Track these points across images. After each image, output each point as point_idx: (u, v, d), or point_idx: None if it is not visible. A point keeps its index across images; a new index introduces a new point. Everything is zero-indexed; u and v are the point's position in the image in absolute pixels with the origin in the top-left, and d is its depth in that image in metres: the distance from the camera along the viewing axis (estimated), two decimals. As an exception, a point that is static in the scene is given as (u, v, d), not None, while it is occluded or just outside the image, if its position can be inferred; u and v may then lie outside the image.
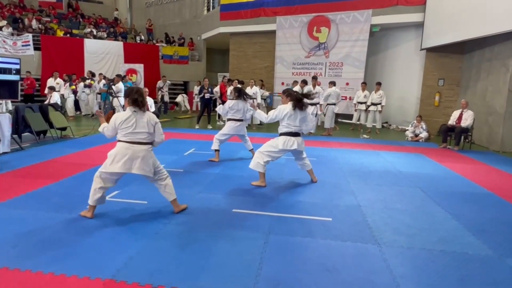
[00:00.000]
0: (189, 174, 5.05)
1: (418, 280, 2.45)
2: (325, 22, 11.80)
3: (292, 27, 12.36)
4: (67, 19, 17.81)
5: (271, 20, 12.73)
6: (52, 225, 3.11)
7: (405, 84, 11.37)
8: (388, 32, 11.58)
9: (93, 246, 2.77)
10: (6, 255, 2.57)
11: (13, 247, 2.70)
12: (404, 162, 6.28)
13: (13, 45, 13.13)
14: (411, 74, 11.20)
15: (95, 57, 14.75)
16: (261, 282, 2.34)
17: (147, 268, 2.46)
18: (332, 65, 11.92)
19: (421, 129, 9.00)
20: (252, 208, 3.73)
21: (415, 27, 10.80)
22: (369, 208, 3.85)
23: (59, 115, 7.87)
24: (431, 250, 2.90)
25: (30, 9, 17.27)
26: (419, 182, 5.02)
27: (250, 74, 13.23)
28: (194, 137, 8.20)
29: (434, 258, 2.78)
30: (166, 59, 16.45)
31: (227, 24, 13.78)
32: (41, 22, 15.57)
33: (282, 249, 2.83)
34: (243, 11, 13.35)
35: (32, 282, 2.25)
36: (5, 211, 3.41)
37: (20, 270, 2.37)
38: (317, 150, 7.03)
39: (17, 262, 2.47)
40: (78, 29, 16.79)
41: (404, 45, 11.42)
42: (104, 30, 17.20)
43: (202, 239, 2.96)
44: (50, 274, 2.34)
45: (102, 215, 3.39)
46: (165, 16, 19.33)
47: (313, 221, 3.43)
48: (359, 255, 2.77)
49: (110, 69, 14.66)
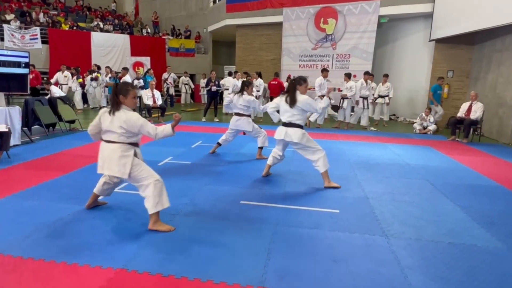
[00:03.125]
0: (197, 166, 5.08)
1: (426, 271, 2.45)
2: (332, 13, 11.67)
3: (299, 18, 12.25)
4: (74, 12, 17.85)
5: (277, 12, 12.63)
6: (63, 216, 3.17)
7: (414, 76, 11.24)
8: (396, 23, 11.42)
9: (104, 236, 2.82)
10: (20, 244, 2.63)
11: (26, 237, 2.76)
12: (412, 155, 6.24)
13: (21, 39, 13.23)
14: (420, 66, 11.06)
15: (102, 50, 14.81)
16: (269, 273, 2.36)
17: (157, 258, 2.50)
18: (339, 57, 11.81)
19: (429, 121, 8.91)
20: (260, 200, 3.75)
21: (424, 18, 10.64)
22: (377, 200, 3.84)
23: (67, 108, 7.95)
24: (439, 242, 2.90)
25: (37, 3, 17.34)
26: (427, 174, 4.99)
27: (257, 66, 13.17)
28: (201, 129, 8.22)
29: (443, 250, 2.78)
30: (172, 52, 16.46)
31: (233, 16, 13.70)
32: (48, 16, 15.63)
33: (289, 240, 2.85)
34: (249, 3, 13.25)
35: (46, 271, 2.31)
36: (18, 202, 3.47)
37: (34, 259, 2.43)
38: (324, 143, 7.00)
39: (31, 251, 2.52)
40: (85, 22, 16.83)
41: (412, 36, 11.27)
42: (110, 23, 17.21)
43: (210, 230, 2.99)
44: (63, 263, 2.39)
45: (112, 206, 3.44)
46: (171, 8, 19.27)
47: (320, 213, 3.44)
48: (366, 247, 2.78)
49: (117, 62, 14.72)
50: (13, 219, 3.08)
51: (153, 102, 9.28)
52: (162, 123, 9.11)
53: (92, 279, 2.23)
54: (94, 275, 2.27)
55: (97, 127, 3.05)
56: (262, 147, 5.65)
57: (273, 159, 4.51)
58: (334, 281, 2.30)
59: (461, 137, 7.89)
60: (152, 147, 6.23)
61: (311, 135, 4.71)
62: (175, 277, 2.28)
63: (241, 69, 13.14)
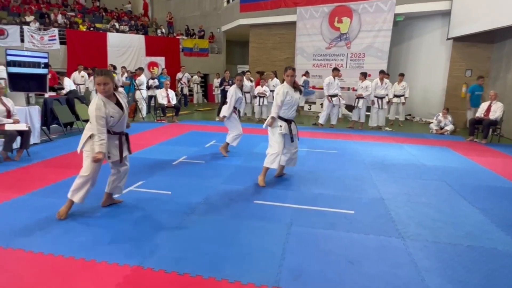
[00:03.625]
0: (211, 165, 5.11)
1: (444, 274, 2.41)
2: (347, 12, 11.55)
3: (313, 17, 12.17)
4: (91, 13, 18.19)
5: (291, 11, 12.58)
6: (81, 213, 3.24)
7: (430, 75, 11.02)
8: (412, 21, 11.21)
9: (120, 233, 2.87)
10: (40, 240, 2.70)
11: (46, 233, 2.83)
12: (429, 155, 6.12)
13: (40, 40, 13.56)
14: (437, 65, 10.84)
15: (118, 50, 15.03)
16: (284, 273, 2.36)
17: (173, 256, 2.53)
18: (354, 56, 11.68)
19: (447, 121, 8.72)
20: (273, 199, 3.75)
21: (441, 16, 10.42)
22: (392, 201, 3.79)
23: (84, 108, 8.10)
24: (457, 245, 2.84)
25: (55, 4, 17.74)
26: (444, 175, 4.89)
27: (270, 66, 13.15)
28: (214, 129, 8.26)
29: (461, 252, 2.72)
30: (186, 52, 16.57)
31: (247, 16, 13.72)
32: (66, 17, 15.98)
33: (304, 240, 2.84)
34: (263, 3, 13.23)
35: (65, 266, 2.37)
36: (38, 199, 3.57)
37: (54, 255, 2.49)
38: (338, 143, 6.95)
39: (51, 247, 2.59)
40: (101, 23, 17.12)
41: (429, 35, 11.05)
42: (126, 23, 17.46)
43: (225, 229, 3.01)
44: (82, 259, 2.45)
45: (128, 204, 3.50)
46: (186, 8, 19.42)
47: (335, 214, 3.42)
48: (382, 248, 2.75)
49: (132, 62, 14.92)
50: (33, 215, 3.17)
51: (168, 102, 9.38)
52: (177, 123, 9.21)
53: (110, 275, 2.27)
54: (111, 271, 2.32)
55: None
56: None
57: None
58: (349, 283, 2.28)
59: (479, 138, 7.70)
60: (167, 146, 6.31)
61: (325, 135, 4.68)
62: (190, 275, 2.30)
63: (254, 69, 13.15)
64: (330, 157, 5.81)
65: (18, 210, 3.31)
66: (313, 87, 12.25)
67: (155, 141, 6.74)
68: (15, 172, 4.53)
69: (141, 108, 9.83)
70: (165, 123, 9.23)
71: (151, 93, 10.29)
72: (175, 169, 4.89)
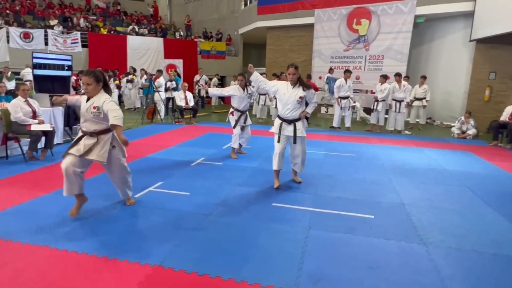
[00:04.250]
0: (228, 167, 5.14)
1: (468, 282, 2.34)
2: (365, 14, 11.43)
3: (331, 19, 12.10)
4: (112, 17, 18.64)
5: (309, 13, 12.54)
6: (102, 212, 3.32)
7: (451, 77, 10.76)
8: (433, 23, 10.99)
9: (141, 233, 2.92)
10: (64, 238, 2.78)
11: (70, 231, 2.91)
12: (450, 160, 5.98)
13: (63, 43, 13.99)
14: (458, 67, 10.58)
15: (137, 53, 15.34)
16: (303, 276, 2.35)
17: (192, 256, 2.56)
18: (372, 58, 11.54)
19: (469, 125, 8.49)
20: (291, 202, 3.74)
21: (464, 17, 10.17)
22: (414, 207, 3.72)
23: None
24: (482, 253, 2.76)
25: (78, 8, 18.27)
26: (467, 181, 4.77)
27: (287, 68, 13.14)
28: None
29: (486, 261, 2.64)
30: (204, 54, 16.75)
31: (264, 18, 13.76)
32: (88, 21, 16.43)
33: (323, 244, 2.82)
34: (281, 5, 13.25)
35: (88, 264, 2.43)
36: (62, 198, 3.65)
37: (78, 252, 2.56)
38: (356, 146, 6.87)
39: (75, 245, 2.66)
40: (121, 26, 17.52)
41: (451, 36, 10.80)
42: (145, 27, 17.80)
43: (243, 231, 3.02)
44: (104, 257, 2.50)
45: (148, 204, 3.56)
46: (203, 11, 19.63)
47: (354, 218, 3.38)
48: (403, 254, 2.70)
49: (151, 65, 15.19)
50: (57, 214, 3.26)
51: (186, 104, 9.50)
52: (194, 125, 9.31)
53: (132, 274, 2.32)
54: (133, 270, 2.36)
55: None
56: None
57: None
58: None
59: (504, 142, 7.47)
60: (184, 148, 6.39)
61: (343, 138, 4.63)
62: (210, 276, 2.32)
63: (271, 71, 13.15)
64: (348, 160, 5.74)
65: (44, 208, 3.42)
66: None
67: (173, 142, 6.84)
68: (40, 171, 4.68)
69: (159, 110, 9.98)
70: (183, 124, 9.34)
71: (169, 95, 10.44)
72: (193, 170, 4.95)
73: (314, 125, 9.91)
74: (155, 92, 10.09)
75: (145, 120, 9.70)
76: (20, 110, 5.06)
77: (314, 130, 8.73)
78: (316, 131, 8.67)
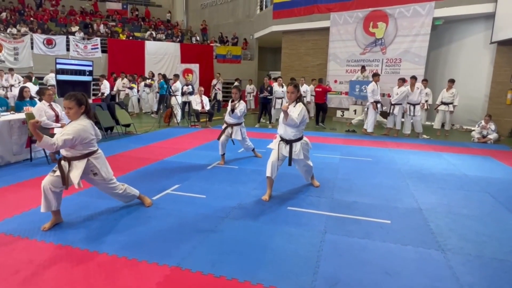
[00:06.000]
0: (244, 171, 5.18)
1: (489, 291, 2.29)
2: (382, 17, 11.33)
3: (347, 23, 12.04)
4: (130, 23, 19.09)
5: (324, 17, 12.52)
6: (122, 214, 3.40)
7: (471, 80, 10.51)
8: (452, 25, 10.79)
9: (159, 234, 2.98)
10: (86, 238, 2.87)
11: (90, 232, 3.01)
12: (470, 165, 5.84)
13: (84, 49, 14.42)
14: (479, 70, 10.33)
15: (154, 58, 15.65)
16: (319, 280, 2.35)
17: (209, 258, 2.59)
18: (389, 61, 11.42)
19: (490, 130, 8.27)
20: (307, 206, 3.74)
21: (484, 19, 9.95)
22: (432, 212, 3.66)
23: (124, 113, 8.50)
24: (503, 261, 2.69)
25: (98, 15, 18.80)
26: (488, 186, 4.65)
27: (302, 72, 13.14)
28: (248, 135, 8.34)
29: (507, 269, 2.58)
30: (219, 59, 16.92)
31: (280, 22, 13.81)
32: (108, 27, 16.87)
33: (339, 249, 2.81)
34: (296, 9, 13.28)
35: (109, 264, 2.50)
36: (82, 199, 3.79)
37: (98, 252, 2.64)
38: (372, 150, 6.80)
39: (96, 245, 2.75)
40: (139, 32, 17.92)
41: (470, 39, 10.57)
42: (162, 32, 18.15)
43: (259, 234, 3.04)
44: (124, 258, 2.57)
45: (166, 207, 3.63)
46: (219, 16, 19.87)
47: (370, 223, 3.35)
48: (421, 260, 2.66)
49: (168, 69, 15.45)
50: (79, 215, 3.37)
51: (202, 108, 9.62)
52: (210, 128, 9.41)
53: (150, 274, 2.37)
54: (151, 271, 2.42)
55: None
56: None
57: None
58: (387, 294, 2.23)
59: (527, 147, 7.25)
60: (201, 151, 6.47)
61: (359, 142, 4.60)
62: (226, 278, 2.35)
63: (286, 75, 13.18)
64: (365, 164, 5.69)
65: (66, 208, 3.51)
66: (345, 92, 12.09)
67: (190, 145, 6.93)
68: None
69: (176, 114, 10.14)
70: (199, 128, 9.46)
71: (186, 99, 10.59)
72: (209, 173, 5.01)
73: (330, 128, 9.86)
74: (172, 96, 10.26)
75: (162, 124, 9.87)
76: (44, 114, 5.25)
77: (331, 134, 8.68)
78: (332, 135, 8.62)
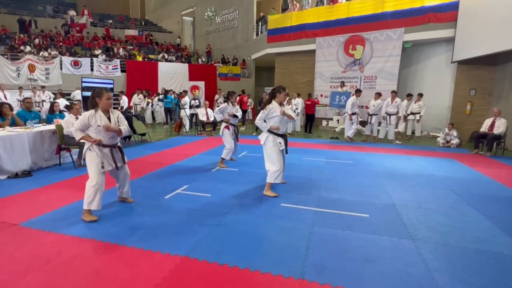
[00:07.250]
0: (243, 173, 5.18)
1: (453, 274, 2.31)
2: (360, 40, 11.45)
3: (330, 46, 12.16)
4: (145, 46, 19.15)
5: (311, 41, 12.63)
6: (139, 211, 3.40)
7: (436, 94, 10.61)
8: (419, 47, 10.92)
9: (171, 228, 2.98)
10: (108, 232, 2.86)
11: (112, 226, 3.00)
12: (436, 166, 5.88)
13: (106, 69, 14.42)
14: (442, 85, 10.44)
15: (166, 76, 15.68)
16: (308, 267, 2.36)
17: (214, 249, 2.59)
18: (367, 78, 11.51)
19: (453, 136, 8.33)
20: (297, 203, 3.75)
21: (446, 42, 10.08)
22: (404, 207, 3.68)
23: (140, 124, 8.49)
24: (465, 248, 2.71)
25: (118, 40, 18.85)
26: (452, 184, 4.68)
27: (293, 88, 13.20)
28: (246, 141, 8.38)
29: (469, 255, 2.60)
30: (222, 77, 16.99)
31: (273, 45, 13.92)
32: (126, 50, 16.92)
33: (325, 239, 2.82)
34: (287, 34, 13.40)
35: (128, 255, 2.49)
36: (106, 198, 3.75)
37: (119, 244, 2.63)
38: (353, 154, 6.83)
39: (117, 238, 2.74)
40: (153, 54, 17.97)
41: (435, 59, 10.70)
42: (173, 54, 18.21)
43: (257, 227, 3.05)
44: (140, 249, 2.56)
45: (177, 204, 3.62)
46: (222, 41, 19.98)
47: (351, 217, 3.36)
48: (395, 249, 2.68)
49: (178, 86, 15.49)
50: (104, 212, 3.35)
51: (207, 119, 9.64)
52: (214, 136, 9.41)
53: (163, 263, 2.37)
54: (164, 260, 2.41)
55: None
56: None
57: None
58: (367, 278, 2.24)
59: (484, 151, 7.30)
60: (206, 156, 6.46)
61: (342, 147, 4.62)
62: (229, 265, 2.35)
63: (279, 90, 13.19)
64: (347, 167, 5.71)
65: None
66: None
67: (197, 151, 6.93)
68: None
69: (185, 124, 10.14)
70: (205, 136, 9.46)
71: (193, 111, 10.60)
72: (214, 175, 5.00)
73: (317, 136, 9.89)
74: (181, 109, 10.27)
75: (173, 133, 9.87)
76: (71, 125, 5.24)
77: (318, 141, 8.71)
78: (318, 142, 8.66)
